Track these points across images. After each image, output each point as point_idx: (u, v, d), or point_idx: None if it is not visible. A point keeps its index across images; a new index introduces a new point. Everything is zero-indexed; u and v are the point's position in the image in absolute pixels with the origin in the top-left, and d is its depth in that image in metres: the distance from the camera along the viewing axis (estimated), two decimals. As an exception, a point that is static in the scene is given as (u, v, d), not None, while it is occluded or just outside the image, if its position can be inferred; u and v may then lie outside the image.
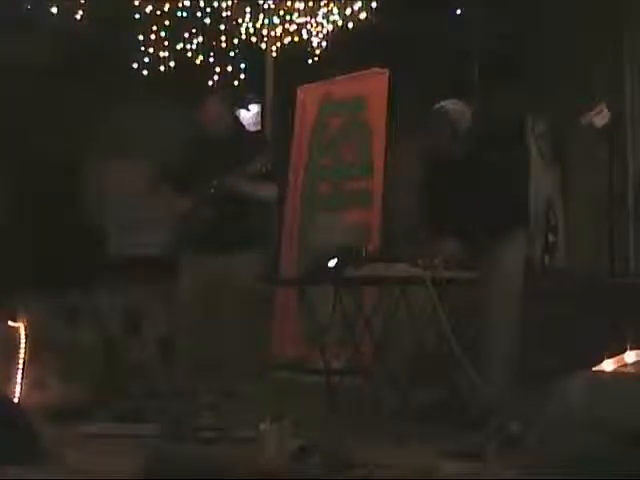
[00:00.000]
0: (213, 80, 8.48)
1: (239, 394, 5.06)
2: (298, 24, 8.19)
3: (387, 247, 5.96)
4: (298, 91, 7.35)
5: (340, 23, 8.08)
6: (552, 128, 7.97)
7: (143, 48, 8.19)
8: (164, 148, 6.10)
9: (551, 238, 7.86)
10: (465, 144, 4.81)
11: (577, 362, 4.01)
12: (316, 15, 8.15)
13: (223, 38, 8.28)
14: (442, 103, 4.92)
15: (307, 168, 7.13)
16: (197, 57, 8.36)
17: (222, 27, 8.24)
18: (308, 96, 7.28)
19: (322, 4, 8.12)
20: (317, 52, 8.25)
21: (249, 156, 5.27)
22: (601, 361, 4.03)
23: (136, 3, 7.90)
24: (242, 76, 8.55)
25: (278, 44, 8.23)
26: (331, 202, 6.91)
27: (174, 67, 8.29)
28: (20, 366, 4.75)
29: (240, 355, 5.25)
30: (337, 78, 7.22)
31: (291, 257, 6.99)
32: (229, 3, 8.11)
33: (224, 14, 8.15)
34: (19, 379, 4.73)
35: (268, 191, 5.45)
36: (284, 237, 7.11)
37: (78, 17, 7.82)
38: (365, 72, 6.96)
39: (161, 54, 8.25)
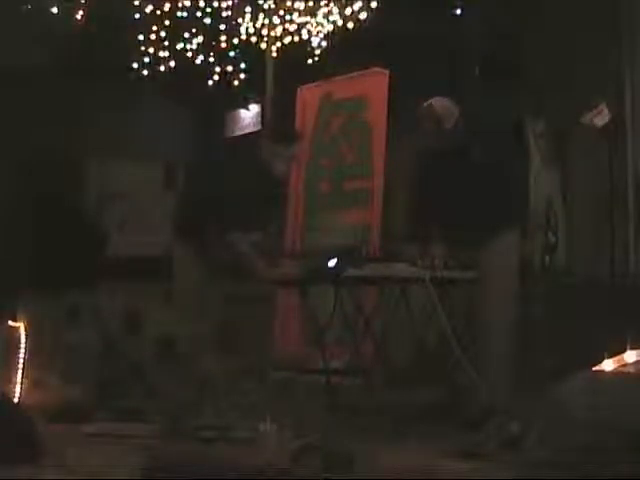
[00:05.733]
0: (213, 80, 8.49)
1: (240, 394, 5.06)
2: (298, 24, 8.19)
3: (387, 247, 5.96)
4: (299, 91, 7.35)
5: (340, 23, 8.08)
6: (552, 128, 7.97)
7: (143, 48, 8.19)
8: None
9: (551, 238, 7.86)
10: (451, 140, 4.86)
11: (577, 362, 4.02)
12: (316, 15, 8.15)
13: (223, 38, 8.28)
14: (430, 100, 4.98)
15: (308, 168, 7.13)
16: (197, 57, 8.36)
17: (222, 27, 8.24)
18: (309, 96, 7.27)
19: (322, 4, 8.12)
20: (317, 52, 8.25)
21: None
22: (601, 361, 4.03)
23: (136, 3, 7.90)
24: (242, 76, 8.55)
25: (278, 44, 8.23)
26: (331, 202, 6.90)
27: (174, 67, 8.30)
28: (20, 366, 4.74)
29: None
30: (337, 78, 7.22)
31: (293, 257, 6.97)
32: (229, 3, 8.11)
33: (224, 14, 8.15)
34: (19, 379, 4.73)
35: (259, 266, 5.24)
36: (286, 237, 7.11)
37: (78, 17, 7.81)
38: (365, 72, 6.96)
39: (161, 54, 8.25)
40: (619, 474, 3.15)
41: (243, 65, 8.51)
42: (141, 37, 8.15)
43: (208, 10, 8.12)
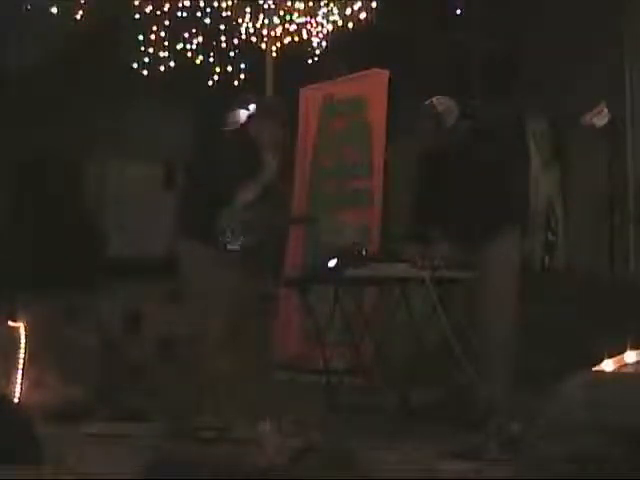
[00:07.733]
0: (213, 80, 8.49)
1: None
2: (298, 24, 8.19)
3: (387, 247, 5.96)
4: (301, 92, 7.35)
5: (340, 23, 8.08)
6: (552, 128, 7.97)
7: (143, 48, 8.19)
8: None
9: (551, 238, 7.86)
10: (451, 138, 4.87)
11: (577, 362, 4.02)
12: (316, 15, 8.16)
13: (223, 38, 8.28)
14: (431, 98, 4.99)
15: (312, 168, 7.13)
16: (197, 57, 8.36)
17: (222, 27, 8.24)
18: (311, 97, 7.27)
19: (322, 4, 8.13)
20: (317, 52, 8.26)
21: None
22: (601, 361, 4.03)
23: (136, 3, 7.90)
24: (242, 76, 8.55)
25: (278, 44, 8.24)
26: (333, 202, 6.90)
27: (174, 67, 8.30)
28: (20, 366, 4.74)
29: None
30: (338, 79, 7.22)
31: (297, 257, 6.97)
32: (229, 3, 8.12)
33: (224, 14, 8.16)
34: (19, 379, 4.73)
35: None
36: (290, 237, 7.10)
37: (78, 17, 7.81)
38: (365, 72, 6.96)
39: (161, 54, 8.25)
40: (618, 474, 3.15)
41: (243, 65, 8.51)
42: (141, 37, 8.15)
43: (208, 10, 8.12)
